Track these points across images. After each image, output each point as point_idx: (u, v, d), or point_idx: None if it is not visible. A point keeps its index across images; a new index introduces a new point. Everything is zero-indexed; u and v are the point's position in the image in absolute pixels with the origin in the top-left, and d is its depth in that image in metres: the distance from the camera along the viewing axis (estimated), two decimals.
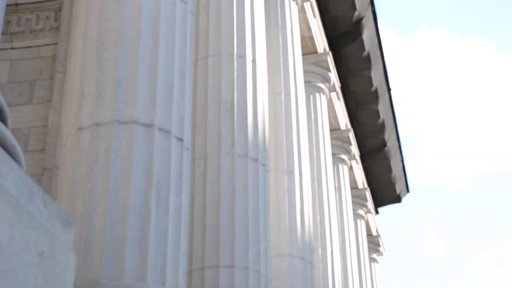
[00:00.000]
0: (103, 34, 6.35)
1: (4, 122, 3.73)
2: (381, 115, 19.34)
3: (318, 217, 14.19)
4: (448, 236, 69.27)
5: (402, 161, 22.60)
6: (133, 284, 5.51)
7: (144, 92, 6.10)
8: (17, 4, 9.62)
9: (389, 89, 19.31)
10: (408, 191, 23.87)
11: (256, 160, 8.80)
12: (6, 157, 3.35)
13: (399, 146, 21.75)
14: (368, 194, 21.03)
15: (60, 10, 9.77)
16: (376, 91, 18.38)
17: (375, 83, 18.09)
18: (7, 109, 3.79)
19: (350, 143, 18.05)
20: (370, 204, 21.24)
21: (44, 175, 8.46)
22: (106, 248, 5.54)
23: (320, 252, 14.05)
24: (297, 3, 12.92)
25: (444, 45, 69.33)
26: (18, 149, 3.66)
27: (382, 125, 19.76)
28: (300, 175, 11.91)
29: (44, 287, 3.42)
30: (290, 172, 11.80)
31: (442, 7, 67.95)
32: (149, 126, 5.99)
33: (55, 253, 3.55)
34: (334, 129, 17.30)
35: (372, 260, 23.30)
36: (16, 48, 9.50)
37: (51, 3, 9.85)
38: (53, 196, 6.74)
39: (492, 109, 71.10)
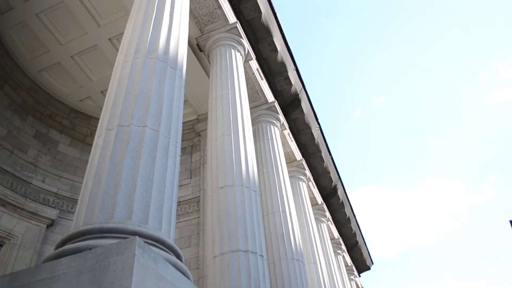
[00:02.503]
0: (220, 211, 6.38)
1: (181, 259, 3.75)
2: (353, 229, 18.86)
3: (332, 283, 13.58)
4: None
5: (368, 251, 21.78)
6: None
7: (242, 235, 6.04)
8: (180, 201, 9.81)
9: (354, 216, 18.95)
10: (372, 263, 22.86)
11: (298, 260, 8.54)
12: (184, 278, 3.34)
13: (365, 243, 21.05)
14: (354, 269, 20.22)
15: (198, 202, 9.91)
16: (349, 218, 18.03)
17: (347, 214, 17.79)
18: (181, 252, 3.81)
19: (341, 244, 17.53)
20: (356, 273, 20.39)
21: (199, 282, 8.31)
22: None
23: None
24: (305, 182, 12.98)
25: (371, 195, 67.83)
26: (188, 271, 3.65)
27: (354, 234, 19.22)
28: (320, 263, 11.52)
29: None
30: (314, 263, 11.43)
31: (369, 169, 66.97)
32: (246, 251, 5.89)
33: None
34: (332, 238, 16.91)
35: None
36: (180, 221, 9.60)
37: (195, 199, 10.02)
38: None
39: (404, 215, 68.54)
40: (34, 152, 10.61)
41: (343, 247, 18.02)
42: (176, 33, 5.73)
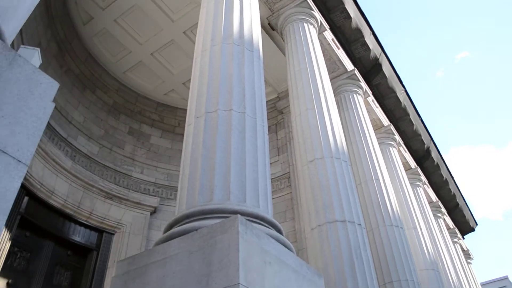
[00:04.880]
0: (312, 184, 6.42)
1: (281, 233, 3.86)
2: (452, 190, 17.97)
3: (434, 247, 13.16)
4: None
5: (470, 211, 20.71)
6: None
7: (337, 206, 6.04)
8: (271, 179, 9.97)
9: (452, 177, 18.03)
10: (476, 224, 21.69)
11: (397, 226, 8.37)
12: (287, 250, 3.45)
13: (466, 204, 20.04)
14: (457, 231, 19.31)
15: (289, 177, 10.04)
16: (446, 180, 17.19)
17: (444, 176, 16.97)
18: (281, 226, 3.92)
19: (440, 207, 16.80)
20: (459, 235, 19.45)
21: (298, 254, 8.43)
22: (337, 283, 5.41)
23: (440, 265, 12.90)
24: (395, 147, 12.60)
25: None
26: (290, 244, 3.77)
27: (454, 195, 18.32)
28: (420, 228, 11.21)
29: None
30: (414, 228, 11.14)
31: (459, 130, 62.57)
32: (343, 221, 5.90)
33: None
34: (430, 202, 16.20)
35: (468, 263, 21.03)
36: (273, 198, 9.79)
37: (285, 175, 10.17)
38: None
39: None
40: (130, 147, 11.38)
41: (443, 210, 17.27)
42: (248, 16, 5.80)
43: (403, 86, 12.93)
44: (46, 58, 9.22)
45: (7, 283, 7.93)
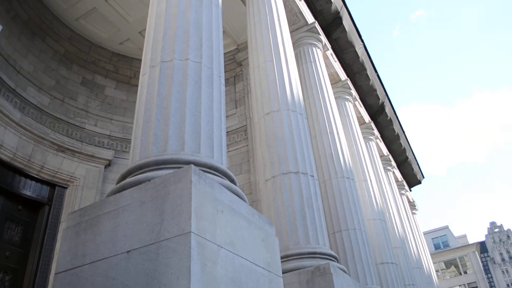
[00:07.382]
0: (268, 136, 6.47)
1: (235, 183, 3.90)
2: (402, 145, 18.55)
3: (382, 198, 13.70)
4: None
5: (418, 165, 21.60)
6: (303, 245, 5.47)
7: (292, 158, 6.15)
8: (228, 132, 9.98)
9: (403, 132, 18.59)
10: (423, 177, 22.60)
11: (348, 178, 8.65)
12: (239, 199, 3.49)
13: (415, 158, 20.84)
14: (405, 183, 20.16)
15: (246, 130, 10.05)
16: (398, 134, 17.70)
17: (396, 130, 17.46)
18: (234, 177, 3.95)
19: (390, 160, 17.37)
20: (406, 187, 20.32)
21: (253, 206, 8.59)
22: (289, 232, 5.56)
23: (387, 215, 13.49)
24: (351, 102, 12.79)
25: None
26: (243, 194, 3.81)
27: (404, 150, 18.95)
28: (370, 180, 11.62)
29: (267, 254, 3.50)
30: (365, 180, 11.53)
31: (411, 88, 63.89)
32: (297, 173, 6.02)
33: (268, 238, 3.64)
34: (382, 155, 16.72)
35: (413, 214, 22.05)
36: (230, 151, 9.83)
37: (242, 128, 10.18)
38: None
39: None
40: (84, 98, 11.00)
41: (393, 163, 17.92)
42: None
43: (362, 41, 12.99)
44: None
45: None
